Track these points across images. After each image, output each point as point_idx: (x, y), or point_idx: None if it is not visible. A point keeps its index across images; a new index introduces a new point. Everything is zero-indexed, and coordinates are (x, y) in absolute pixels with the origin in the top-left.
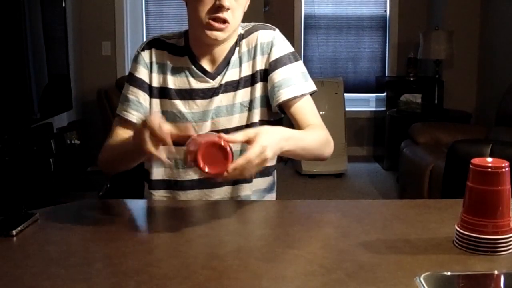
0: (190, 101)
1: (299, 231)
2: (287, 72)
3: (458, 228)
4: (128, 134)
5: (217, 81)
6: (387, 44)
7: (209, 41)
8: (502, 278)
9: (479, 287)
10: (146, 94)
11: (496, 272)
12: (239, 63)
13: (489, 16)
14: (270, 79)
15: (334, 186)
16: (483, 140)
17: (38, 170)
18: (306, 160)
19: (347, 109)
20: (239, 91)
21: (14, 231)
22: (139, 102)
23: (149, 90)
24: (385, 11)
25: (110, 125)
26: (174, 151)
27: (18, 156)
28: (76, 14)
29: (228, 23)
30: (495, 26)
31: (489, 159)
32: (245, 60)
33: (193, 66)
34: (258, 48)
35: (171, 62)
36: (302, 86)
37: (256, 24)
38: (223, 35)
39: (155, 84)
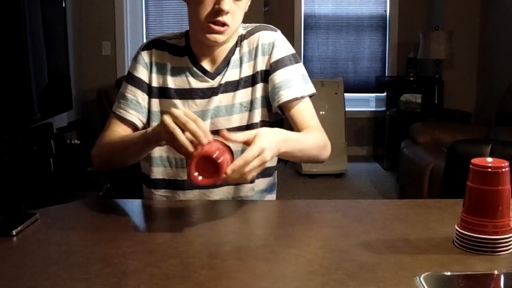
0: (189, 101)
1: (299, 231)
2: (287, 73)
3: (458, 228)
4: (126, 131)
5: (217, 81)
6: (387, 44)
7: (209, 43)
8: (502, 278)
9: (479, 287)
10: (145, 94)
11: (496, 272)
12: (239, 63)
13: (489, 16)
14: (271, 80)
15: (334, 186)
16: (483, 140)
17: (38, 170)
18: (303, 162)
19: (347, 109)
20: (238, 91)
21: (14, 231)
22: (137, 102)
23: (148, 90)
24: (385, 11)
25: None
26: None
27: (18, 156)
28: (76, 14)
29: (227, 26)
30: (495, 26)
31: (489, 159)
32: (246, 60)
33: (193, 66)
34: (259, 48)
35: (171, 62)
36: (302, 88)
37: (258, 25)
38: (222, 38)
39: (154, 84)
